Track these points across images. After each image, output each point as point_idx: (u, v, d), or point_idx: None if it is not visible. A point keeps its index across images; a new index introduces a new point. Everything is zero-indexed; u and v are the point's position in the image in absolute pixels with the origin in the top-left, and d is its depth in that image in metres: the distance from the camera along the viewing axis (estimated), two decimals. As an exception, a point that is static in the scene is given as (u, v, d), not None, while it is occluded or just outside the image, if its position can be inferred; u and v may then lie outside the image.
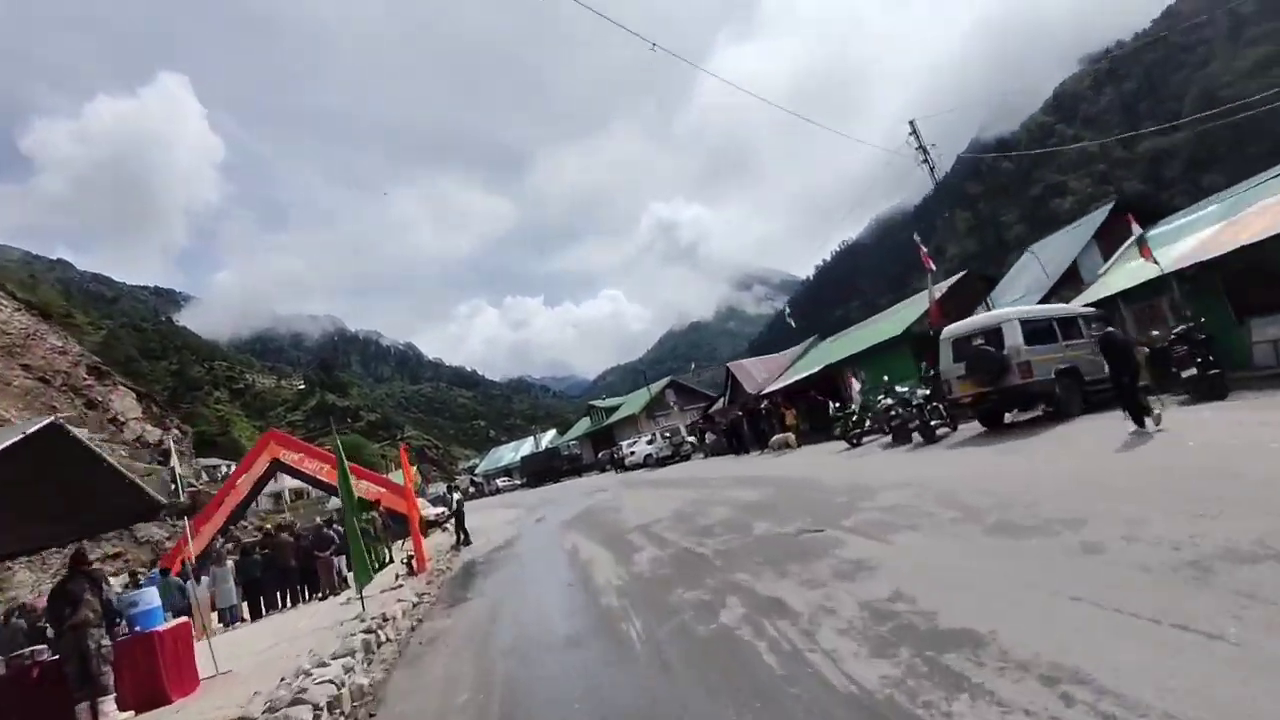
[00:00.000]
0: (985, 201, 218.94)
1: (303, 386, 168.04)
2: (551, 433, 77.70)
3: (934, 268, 21.17)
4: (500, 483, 67.28)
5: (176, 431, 57.94)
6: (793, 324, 34.29)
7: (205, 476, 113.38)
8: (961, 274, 23.90)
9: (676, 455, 34.71)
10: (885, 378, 20.70)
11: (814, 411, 24.70)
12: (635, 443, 39.75)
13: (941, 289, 21.39)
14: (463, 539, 21.99)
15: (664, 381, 60.50)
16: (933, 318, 20.94)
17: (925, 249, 20.39)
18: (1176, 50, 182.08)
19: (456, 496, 22.92)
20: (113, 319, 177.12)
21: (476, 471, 77.89)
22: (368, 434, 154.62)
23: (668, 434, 34.74)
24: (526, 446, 73.82)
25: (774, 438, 24.24)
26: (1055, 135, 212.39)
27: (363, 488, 25.94)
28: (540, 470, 56.92)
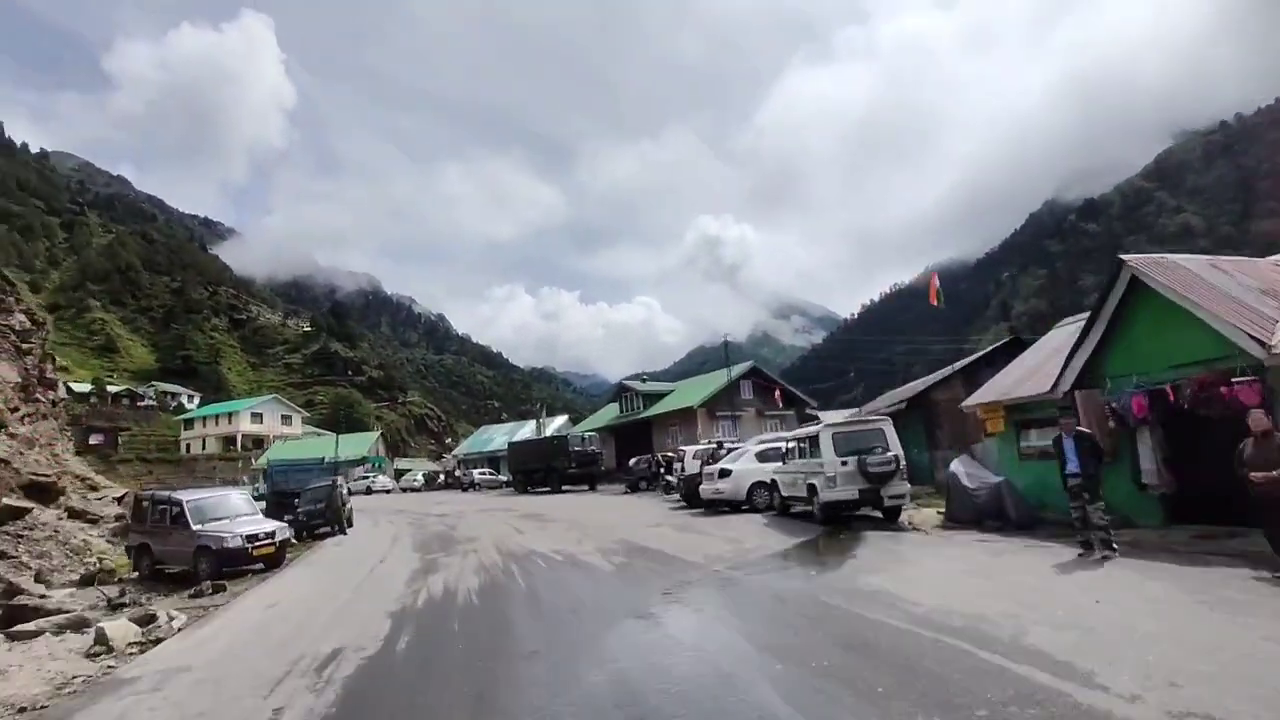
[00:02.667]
0: (1063, 262, 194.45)
1: (308, 329, 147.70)
2: (561, 419, 55.63)
3: None
4: (480, 475, 45.22)
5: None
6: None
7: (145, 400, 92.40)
8: None
9: (877, 502, 12.35)
10: None
11: None
12: (736, 454, 17.38)
13: None
14: None
15: (743, 367, 38.13)
16: None
17: None
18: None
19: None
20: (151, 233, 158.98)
21: (457, 453, 56.12)
22: (366, 390, 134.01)
23: (859, 445, 12.35)
24: (526, 431, 51.89)
25: None
26: (1153, 202, 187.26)
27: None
28: (535, 468, 34.84)
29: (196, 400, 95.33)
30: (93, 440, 66.80)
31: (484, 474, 45.22)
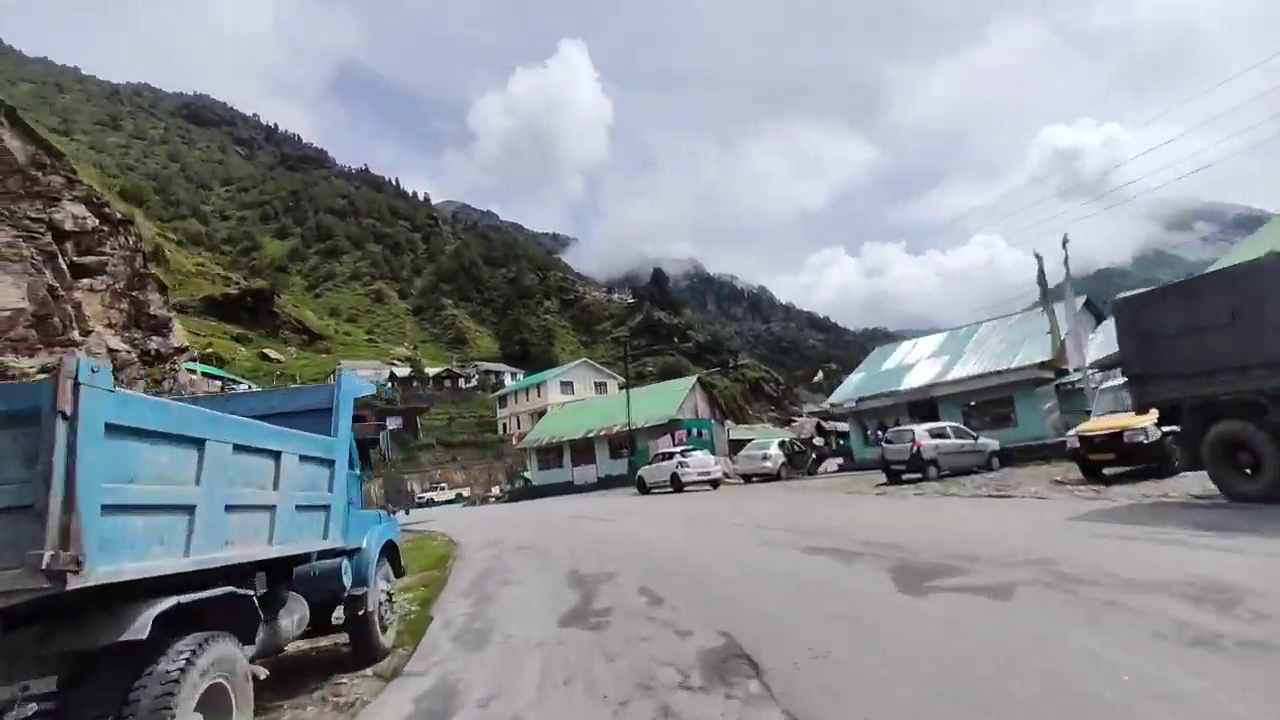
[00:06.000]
0: None
1: (632, 301, 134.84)
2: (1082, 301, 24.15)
3: None
4: (930, 437, 16.64)
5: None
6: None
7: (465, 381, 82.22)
8: None
9: None
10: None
11: None
12: None
13: None
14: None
15: None
16: None
17: None
18: None
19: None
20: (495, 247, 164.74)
21: (834, 400, 27.95)
22: (694, 357, 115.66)
23: None
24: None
25: None
26: None
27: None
28: None
29: (520, 378, 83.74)
30: (391, 425, 53.90)
31: (939, 436, 16.59)
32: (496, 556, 11.47)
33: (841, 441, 29.63)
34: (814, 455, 25.24)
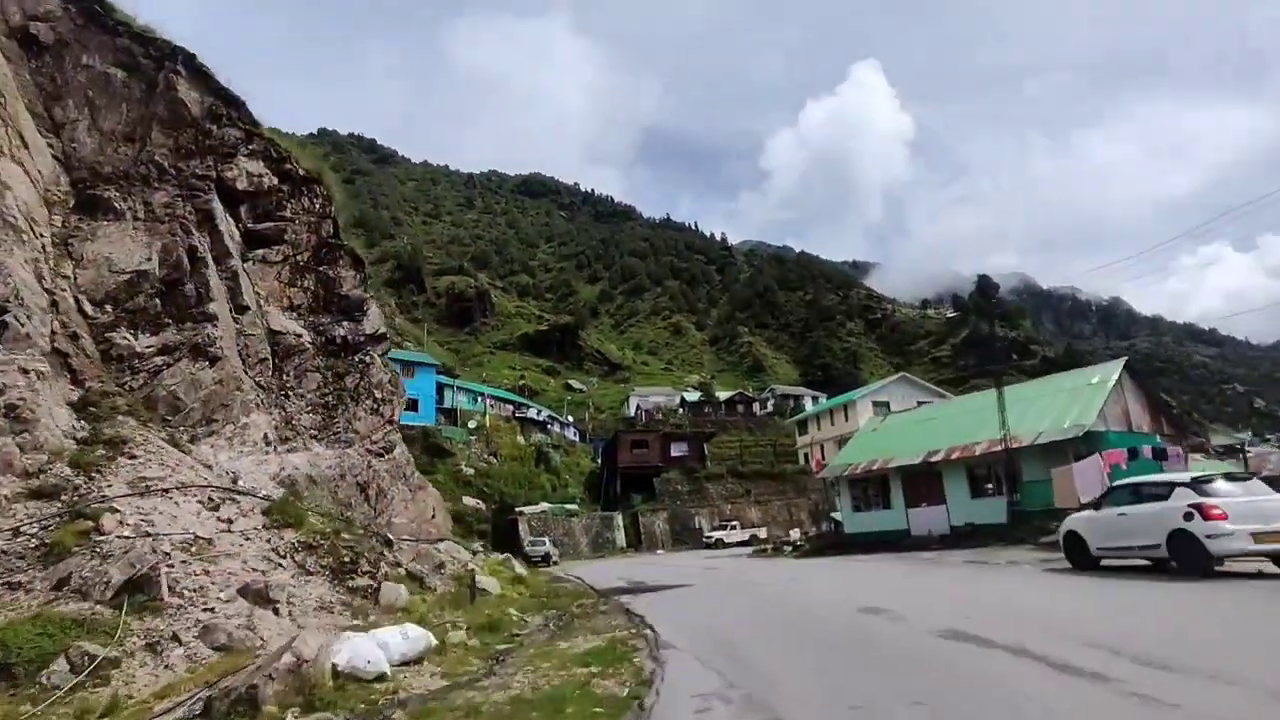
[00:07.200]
0: None
1: (953, 314, 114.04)
2: None
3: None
4: None
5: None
6: None
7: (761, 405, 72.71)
8: None
9: None
10: None
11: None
12: None
13: None
14: None
15: None
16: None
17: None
18: None
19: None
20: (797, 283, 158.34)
21: None
22: (1040, 376, 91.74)
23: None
24: None
25: None
26: None
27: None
28: None
29: (822, 401, 72.72)
30: (675, 452, 48.17)
31: None
32: None
33: None
34: None
